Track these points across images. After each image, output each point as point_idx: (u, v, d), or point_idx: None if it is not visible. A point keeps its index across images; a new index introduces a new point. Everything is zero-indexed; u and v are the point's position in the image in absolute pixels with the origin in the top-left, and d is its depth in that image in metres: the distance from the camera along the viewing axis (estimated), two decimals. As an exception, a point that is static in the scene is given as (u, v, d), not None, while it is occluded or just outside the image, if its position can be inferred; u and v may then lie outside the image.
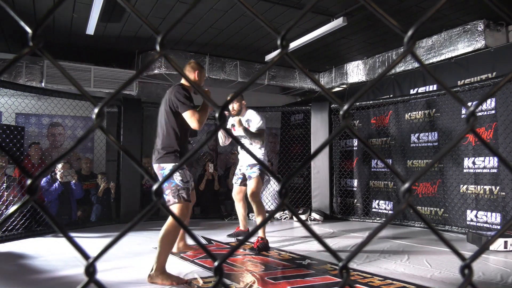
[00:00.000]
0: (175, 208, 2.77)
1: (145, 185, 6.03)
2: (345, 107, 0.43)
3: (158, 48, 0.44)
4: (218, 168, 6.70)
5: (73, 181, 5.23)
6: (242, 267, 3.19)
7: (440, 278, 2.85)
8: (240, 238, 4.34)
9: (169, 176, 0.47)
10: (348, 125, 0.43)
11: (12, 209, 0.47)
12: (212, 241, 4.26)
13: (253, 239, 3.85)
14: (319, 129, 6.28)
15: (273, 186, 6.46)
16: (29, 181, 0.45)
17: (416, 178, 0.42)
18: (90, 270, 0.43)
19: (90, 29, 4.97)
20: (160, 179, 2.24)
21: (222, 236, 4.51)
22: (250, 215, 6.33)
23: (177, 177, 2.84)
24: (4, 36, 5.56)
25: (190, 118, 2.86)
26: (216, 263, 0.43)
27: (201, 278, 2.84)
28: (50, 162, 0.48)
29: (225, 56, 6.53)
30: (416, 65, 5.62)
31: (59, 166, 5.16)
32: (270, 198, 6.46)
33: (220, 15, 4.88)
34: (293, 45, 5.54)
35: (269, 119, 7.20)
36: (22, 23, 0.47)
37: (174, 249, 3.44)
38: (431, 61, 5.48)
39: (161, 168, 2.91)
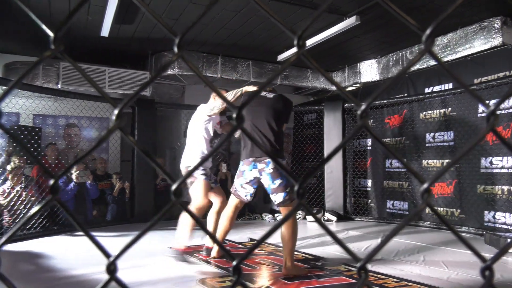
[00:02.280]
0: (292, 205, 3.00)
1: (159, 186, 6.09)
2: (363, 106, 0.42)
3: (175, 49, 0.45)
4: (231, 168, 6.71)
5: (89, 181, 5.32)
6: (256, 267, 3.19)
7: (457, 280, 2.80)
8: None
9: (189, 174, 0.47)
10: (365, 124, 0.43)
11: (35, 208, 0.48)
12: (226, 241, 4.28)
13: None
14: (332, 129, 6.24)
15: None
16: (51, 181, 0.46)
17: (435, 178, 0.42)
18: (111, 268, 0.43)
19: (105, 31, 5.04)
20: (278, 180, 2.68)
21: (235, 235, 4.52)
22: (263, 215, 6.33)
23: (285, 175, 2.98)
24: (20, 39, 5.67)
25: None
26: (234, 263, 0.43)
27: (214, 278, 2.85)
28: (72, 162, 0.49)
29: (237, 56, 6.54)
30: (431, 63, 5.54)
31: (75, 167, 5.25)
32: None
33: (232, 15, 4.90)
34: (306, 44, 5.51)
35: (282, 119, 7.19)
36: (44, 27, 0.48)
37: (214, 254, 3.45)
38: (446, 59, 5.40)
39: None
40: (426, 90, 5.72)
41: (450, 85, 5.39)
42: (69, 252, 3.77)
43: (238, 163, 3.35)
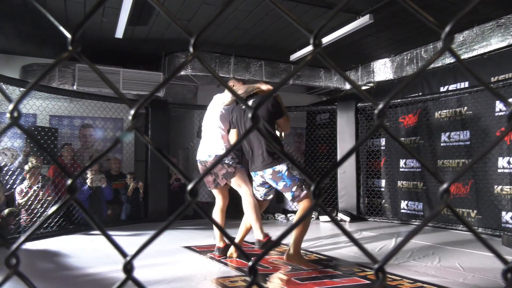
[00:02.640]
0: (307, 198, 3.08)
1: (173, 185, 6.13)
2: (380, 106, 0.42)
3: (191, 49, 0.45)
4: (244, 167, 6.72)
5: (103, 185, 5.37)
6: (269, 267, 3.19)
7: (474, 282, 2.75)
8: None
9: (206, 173, 0.47)
10: (383, 124, 0.42)
11: (53, 208, 0.48)
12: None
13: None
14: (345, 129, 6.20)
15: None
16: (69, 181, 0.46)
17: (455, 179, 0.41)
18: (128, 267, 0.44)
19: (119, 33, 5.10)
20: (280, 182, 2.68)
21: (248, 236, 4.51)
22: (276, 215, 6.32)
23: (294, 173, 3.10)
24: (37, 41, 5.79)
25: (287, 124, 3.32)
26: (250, 263, 0.43)
27: (227, 277, 2.86)
28: (90, 162, 0.49)
29: (250, 56, 6.55)
30: (446, 61, 5.45)
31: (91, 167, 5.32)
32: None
33: (245, 15, 4.90)
34: (318, 44, 5.49)
35: (294, 118, 7.17)
36: (62, 28, 0.48)
37: (232, 251, 3.48)
38: (462, 57, 5.31)
39: (278, 172, 3.14)
40: (441, 89, 5.63)
41: (466, 84, 5.30)
42: (84, 251, 3.83)
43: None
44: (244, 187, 3.34)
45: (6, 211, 4.25)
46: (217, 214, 3.59)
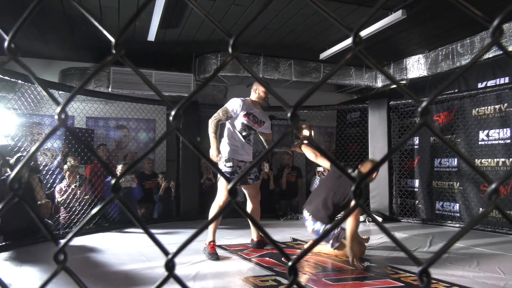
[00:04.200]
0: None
1: (204, 185, 6.21)
2: (424, 103, 0.41)
3: (230, 50, 0.45)
4: (273, 167, 6.72)
5: (134, 185, 5.47)
6: (301, 267, 3.17)
7: (516, 287, 2.62)
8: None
9: (246, 173, 0.48)
10: (427, 122, 0.41)
11: (98, 206, 0.50)
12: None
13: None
14: (377, 128, 6.06)
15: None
16: (113, 181, 0.48)
17: (505, 178, 0.39)
18: (170, 265, 0.45)
19: (151, 36, 5.23)
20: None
21: (278, 235, 4.51)
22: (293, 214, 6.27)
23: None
24: (75, 46, 6.02)
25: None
26: (290, 263, 0.43)
27: (257, 277, 2.87)
28: (133, 161, 0.51)
29: (279, 56, 6.53)
30: (485, 56, 5.22)
31: (119, 167, 5.46)
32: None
33: (274, 15, 4.90)
34: (349, 41, 5.41)
35: (324, 117, 7.09)
36: (105, 32, 0.50)
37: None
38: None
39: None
40: (479, 85, 5.40)
41: (506, 79, 5.06)
42: (119, 248, 3.95)
43: (281, 164, 3.41)
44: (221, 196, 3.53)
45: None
46: (249, 210, 3.69)
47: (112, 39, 0.48)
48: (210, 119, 3.45)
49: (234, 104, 3.50)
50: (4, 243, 3.83)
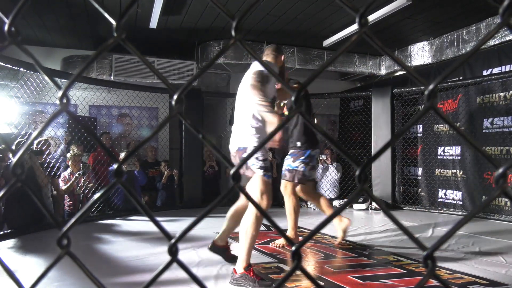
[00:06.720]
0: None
1: (207, 173, 6.23)
2: (431, 86, 0.40)
3: (233, 33, 0.44)
4: (276, 156, 6.72)
5: (136, 169, 5.51)
6: (302, 255, 3.19)
7: (518, 274, 2.63)
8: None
9: (247, 159, 0.47)
10: (434, 105, 0.40)
11: (100, 192, 0.50)
12: (271, 228, 4.31)
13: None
14: (380, 115, 6.03)
15: (331, 174, 6.36)
16: (115, 166, 0.48)
17: (512, 163, 0.39)
18: (173, 250, 0.45)
19: (153, 23, 5.19)
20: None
21: (282, 223, 4.53)
22: (308, 203, 6.29)
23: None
24: (77, 34, 5.99)
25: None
26: (294, 248, 0.43)
27: (260, 264, 2.89)
28: (135, 147, 0.50)
29: (282, 43, 6.47)
30: (491, 43, 5.15)
31: (122, 155, 5.48)
32: (329, 186, 6.38)
33: (277, 1, 4.84)
34: (352, 28, 5.35)
35: (327, 105, 7.06)
36: (106, 15, 0.49)
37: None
38: (508, 37, 4.99)
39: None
40: (484, 73, 5.34)
41: (512, 67, 5.00)
42: (123, 235, 3.98)
43: (284, 151, 3.37)
44: (259, 200, 2.55)
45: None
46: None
47: (113, 22, 0.47)
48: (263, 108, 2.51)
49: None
50: (8, 231, 3.87)
